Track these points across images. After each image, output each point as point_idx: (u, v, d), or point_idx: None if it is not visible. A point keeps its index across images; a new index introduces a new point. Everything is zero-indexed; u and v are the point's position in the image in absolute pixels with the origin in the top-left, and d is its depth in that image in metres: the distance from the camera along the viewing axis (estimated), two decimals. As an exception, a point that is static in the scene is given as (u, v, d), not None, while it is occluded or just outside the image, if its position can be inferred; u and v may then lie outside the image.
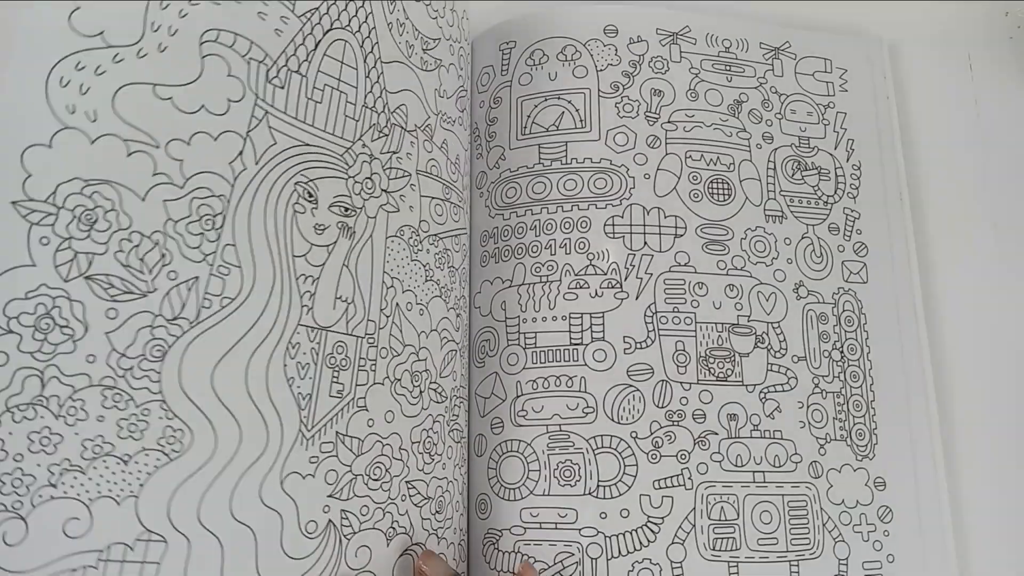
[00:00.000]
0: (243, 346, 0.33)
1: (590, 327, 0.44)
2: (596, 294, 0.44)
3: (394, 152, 0.39)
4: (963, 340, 0.50)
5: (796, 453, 0.45)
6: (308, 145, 0.37)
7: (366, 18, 0.40)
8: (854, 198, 0.50)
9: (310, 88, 0.37)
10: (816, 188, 0.49)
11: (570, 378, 0.43)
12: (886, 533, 0.45)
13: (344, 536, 0.34)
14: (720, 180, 0.48)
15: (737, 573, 0.42)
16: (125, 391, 0.31)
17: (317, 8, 0.38)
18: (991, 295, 0.51)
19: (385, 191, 0.39)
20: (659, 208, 0.46)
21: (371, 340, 0.37)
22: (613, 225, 0.45)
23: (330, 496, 0.34)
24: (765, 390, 0.45)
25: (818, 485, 0.44)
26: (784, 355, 0.46)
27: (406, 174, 0.40)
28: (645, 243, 0.46)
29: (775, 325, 0.46)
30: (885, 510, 0.45)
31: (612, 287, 0.45)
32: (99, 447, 0.30)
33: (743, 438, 0.44)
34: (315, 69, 0.37)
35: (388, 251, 0.38)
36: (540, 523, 0.41)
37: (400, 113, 0.40)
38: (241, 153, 0.35)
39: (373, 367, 0.37)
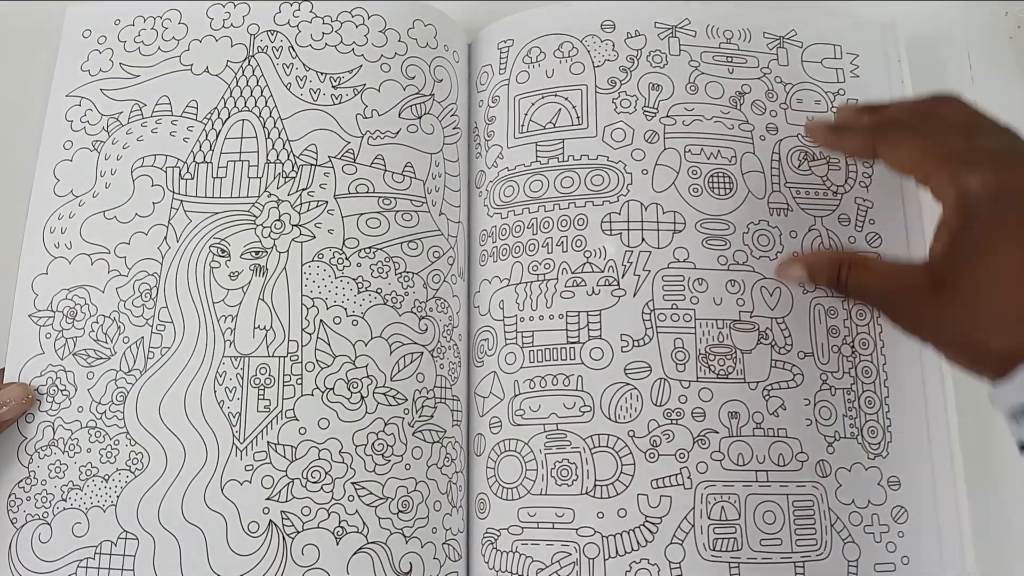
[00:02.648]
0: (180, 382, 0.43)
1: (587, 325, 0.44)
2: (593, 292, 0.44)
3: (304, 188, 0.45)
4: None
5: (802, 452, 0.43)
6: (217, 213, 0.45)
7: (262, 92, 0.46)
8: (867, 187, 0.47)
9: (215, 169, 0.45)
10: (825, 178, 0.47)
11: (567, 377, 0.44)
12: (900, 534, 0.43)
13: (287, 535, 0.41)
14: (721, 174, 0.46)
15: (739, 574, 0.41)
16: (103, 429, 0.42)
17: (216, 107, 0.46)
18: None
19: (297, 225, 0.44)
20: (657, 204, 0.46)
21: (295, 358, 0.43)
22: (610, 222, 0.45)
23: (268, 499, 0.41)
24: (768, 387, 0.44)
25: (826, 484, 0.43)
26: (789, 351, 0.44)
27: (320, 203, 0.45)
28: (643, 239, 0.45)
29: (779, 320, 0.44)
30: (900, 510, 0.43)
31: (609, 284, 0.44)
32: (89, 471, 0.42)
33: (745, 436, 0.43)
34: (218, 153, 0.45)
35: (306, 276, 0.44)
36: (538, 523, 0.42)
37: (309, 153, 0.45)
38: (165, 238, 0.44)
39: (299, 381, 0.42)
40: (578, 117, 0.47)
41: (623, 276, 0.44)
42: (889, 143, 0.38)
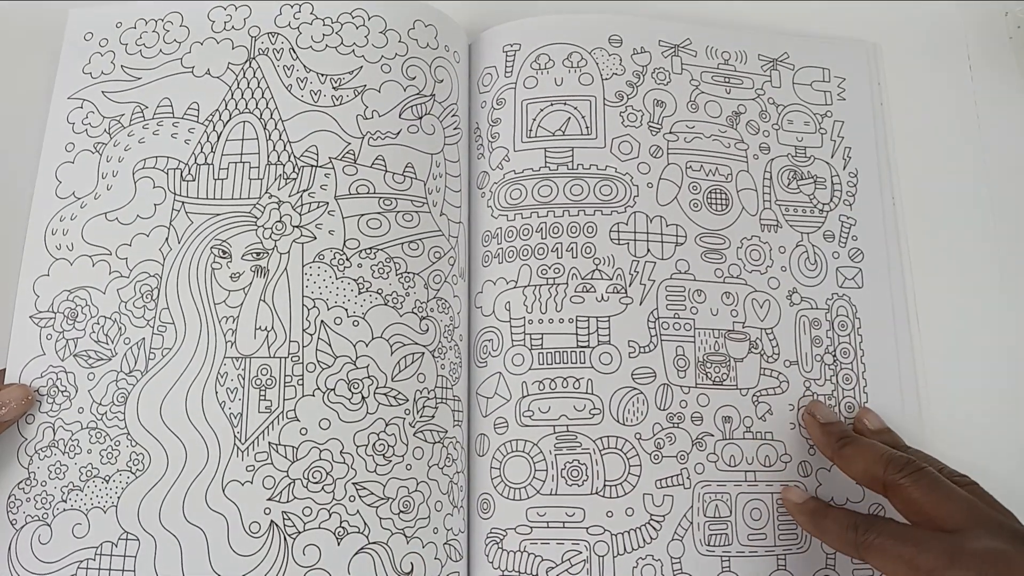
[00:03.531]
0: (181, 383, 0.43)
1: (596, 330, 0.45)
2: (602, 298, 0.46)
3: (305, 189, 0.45)
4: (958, 342, 0.49)
5: (786, 453, 0.46)
6: (218, 215, 0.45)
7: (263, 93, 0.46)
8: (850, 205, 0.50)
9: (217, 171, 0.45)
10: (812, 197, 0.50)
11: (577, 380, 0.44)
12: None
13: (288, 535, 0.41)
14: (718, 190, 0.49)
15: (729, 567, 0.44)
16: (103, 430, 0.42)
17: (217, 109, 0.46)
18: (988, 298, 0.50)
19: (298, 226, 0.44)
20: (661, 216, 0.47)
21: (296, 358, 0.43)
22: (618, 232, 0.47)
23: (269, 499, 0.41)
24: (757, 393, 0.46)
25: (807, 483, 0.45)
26: (776, 360, 0.47)
27: (321, 204, 0.45)
28: (648, 250, 0.47)
29: (768, 331, 0.47)
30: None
31: (617, 292, 0.46)
32: (90, 472, 0.42)
33: (736, 439, 0.45)
34: (219, 155, 0.46)
35: (306, 277, 0.44)
36: (548, 522, 0.43)
37: (310, 154, 0.45)
38: (167, 239, 0.44)
39: (300, 382, 0.42)
40: (587, 127, 0.48)
41: (630, 284, 0.46)
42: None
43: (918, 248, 0.50)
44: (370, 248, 0.44)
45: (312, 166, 0.45)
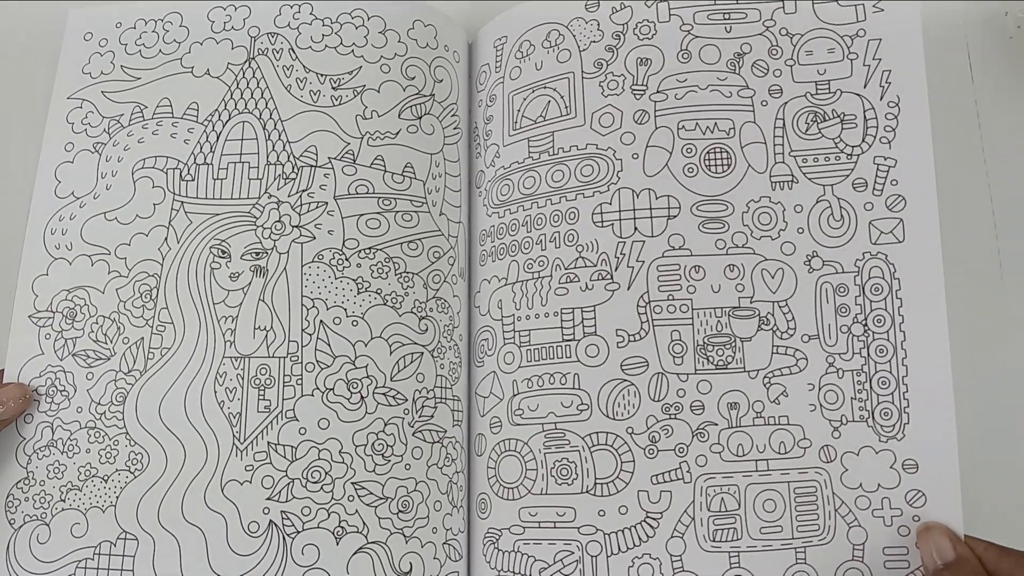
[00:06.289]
0: (180, 382, 0.43)
1: (581, 322, 0.43)
2: (586, 287, 0.43)
3: (304, 189, 0.45)
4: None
5: (805, 438, 0.41)
6: (217, 215, 0.45)
7: (263, 94, 0.46)
8: (889, 143, 0.43)
9: (216, 171, 0.45)
10: (837, 140, 0.43)
11: (564, 375, 0.43)
12: (916, 518, 0.40)
13: (287, 535, 0.41)
14: (718, 149, 0.44)
15: (739, 563, 0.40)
16: (102, 429, 0.42)
17: (216, 109, 0.46)
18: (987, 298, 0.47)
19: (297, 226, 0.45)
20: (649, 189, 0.44)
21: (295, 358, 0.43)
22: (601, 213, 0.44)
23: (268, 499, 0.41)
24: (770, 375, 0.42)
25: (830, 470, 0.41)
26: (792, 335, 0.42)
27: (321, 204, 0.45)
28: (635, 229, 0.43)
29: (781, 304, 0.42)
30: (916, 494, 0.40)
31: (602, 279, 0.43)
32: (89, 471, 0.42)
33: (745, 427, 0.42)
34: (219, 155, 0.46)
35: (306, 277, 0.44)
36: (539, 522, 0.42)
37: (309, 154, 0.46)
38: (166, 239, 0.45)
39: (299, 381, 0.43)
40: (566, 107, 0.46)
41: (616, 269, 0.43)
42: None
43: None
44: (369, 248, 0.44)
45: (311, 166, 0.45)
